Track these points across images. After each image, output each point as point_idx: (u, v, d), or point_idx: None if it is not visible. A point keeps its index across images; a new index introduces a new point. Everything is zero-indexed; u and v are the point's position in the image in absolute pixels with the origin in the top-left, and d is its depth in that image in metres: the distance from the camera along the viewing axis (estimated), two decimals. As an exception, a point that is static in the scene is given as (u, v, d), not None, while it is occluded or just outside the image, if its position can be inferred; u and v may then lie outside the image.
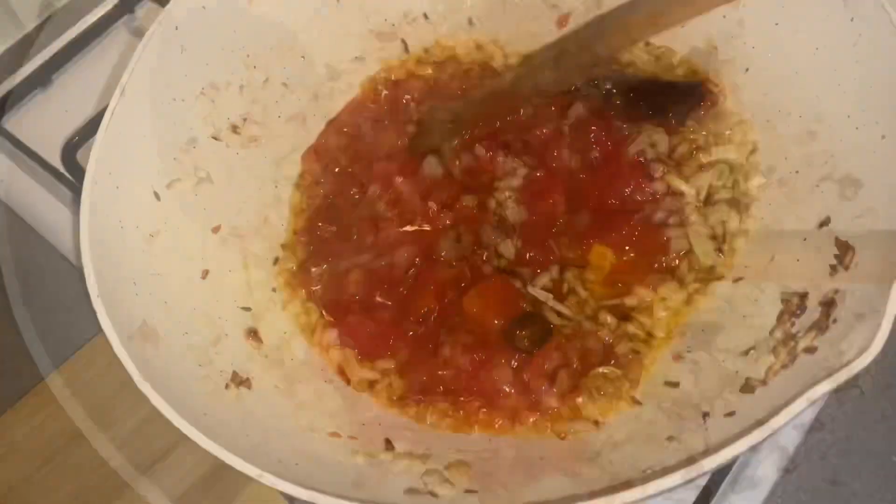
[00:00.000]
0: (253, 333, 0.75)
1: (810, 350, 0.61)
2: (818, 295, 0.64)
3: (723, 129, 0.80)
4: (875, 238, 0.62)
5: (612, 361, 0.72)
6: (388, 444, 0.68)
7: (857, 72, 0.69)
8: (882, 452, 0.76)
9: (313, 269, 0.80)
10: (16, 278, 0.97)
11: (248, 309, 0.77)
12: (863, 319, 0.56)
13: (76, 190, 0.90)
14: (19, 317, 0.94)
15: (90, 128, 0.93)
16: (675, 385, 0.69)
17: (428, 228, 0.80)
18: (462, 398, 0.72)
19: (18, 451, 0.83)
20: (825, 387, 0.52)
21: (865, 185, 0.66)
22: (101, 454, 0.81)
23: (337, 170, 0.87)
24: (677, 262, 0.76)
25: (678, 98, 0.81)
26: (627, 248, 0.77)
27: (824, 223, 0.69)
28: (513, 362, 0.72)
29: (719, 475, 0.69)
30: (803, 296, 0.66)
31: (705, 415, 0.63)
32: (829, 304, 0.63)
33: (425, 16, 0.93)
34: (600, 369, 0.71)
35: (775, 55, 0.77)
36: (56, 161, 0.94)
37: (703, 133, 0.81)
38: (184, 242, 0.76)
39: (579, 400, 0.70)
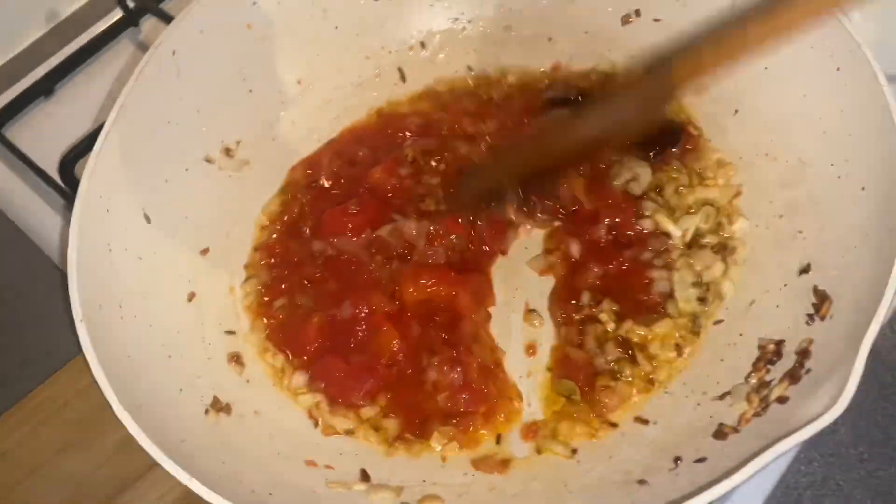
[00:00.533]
0: (236, 358, 0.76)
1: (782, 400, 0.61)
2: (794, 343, 0.65)
3: (706, 171, 0.80)
4: (851, 290, 0.63)
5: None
6: (364, 475, 0.69)
7: (841, 121, 0.70)
8: (858, 499, 0.76)
9: (275, 304, 0.80)
10: (10, 287, 0.98)
11: (232, 333, 0.78)
12: (833, 374, 0.56)
13: (71, 201, 0.91)
14: (12, 325, 0.95)
15: (88, 142, 0.94)
16: (645, 423, 0.70)
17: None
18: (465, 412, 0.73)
19: (7, 460, 0.84)
20: (791, 441, 0.52)
21: (845, 235, 0.67)
22: (86, 468, 0.82)
23: (317, 189, 0.88)
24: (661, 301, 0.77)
25: (657, 135, 0.82)
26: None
27: (804, 270, 0.70)
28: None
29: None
30: (779, 343, 0.67)
31: (677, 459, 0.64)
32: (803, 354, 0.63)
33: (422, 44, 0.94)
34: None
35: (764, 99, 0.78)
36: (54, 172, 0.95)
37: (686, 172, 0.81)
38: (171, 265, 0.77)
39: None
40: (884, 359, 0.81)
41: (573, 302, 0.77)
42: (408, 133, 0.89)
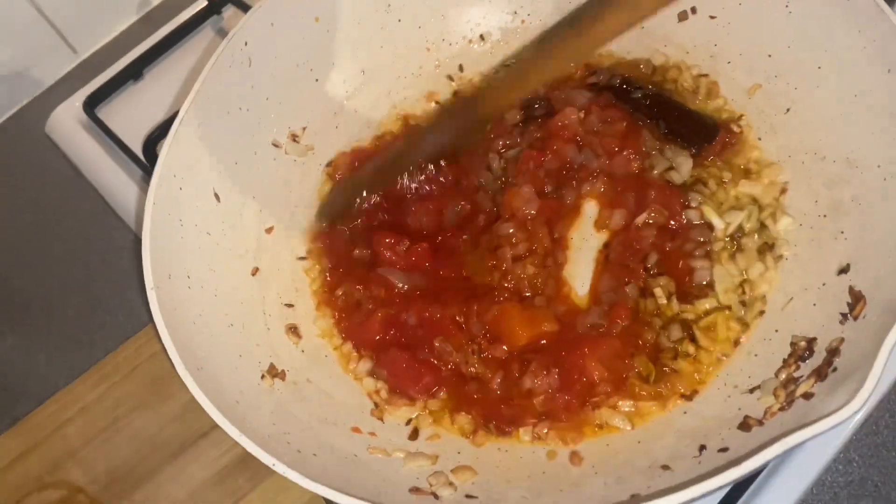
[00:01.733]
0: (293, 329, 0.82)
1: (807, 396, 0.62)
2: (825, 342, 0.66)
3: (749, 166, 0.81)
4: (886, 292, 0.63)
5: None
6: (414, 433, 0.74)
7: (890, 123, 0.69)
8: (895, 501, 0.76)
9: (337, 292, 0.84)
10: (94, 255, 1.06)
11: (291, 306, 0.83)
12: (855, 372, 0.57)
13: (152, 177, 0.98)
14: (94, 290, 1.03)
15: (169, 123, 1.01)
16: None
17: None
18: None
19: (86, 414, 0.91)
20: (805, 434, 0.53)
21: (886, 237, 0.67)
22: (155, 425, 0.89)
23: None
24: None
25: (697, 129, 0.83)
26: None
27: (843, 270, 0.70)
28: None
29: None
30: (811, 341, 0.67)
31: (702, 448, 0.65)
32: (833, 353, 0.64)
33: (481, 37, 0.97)
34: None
35: (815, 98, 0.78)
36: (138, 150, 1.02)
37: (727, 168, 0.82)
38: (238, 241, 0.82)
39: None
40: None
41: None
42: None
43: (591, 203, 0.85)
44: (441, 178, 0.87)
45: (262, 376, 0.75)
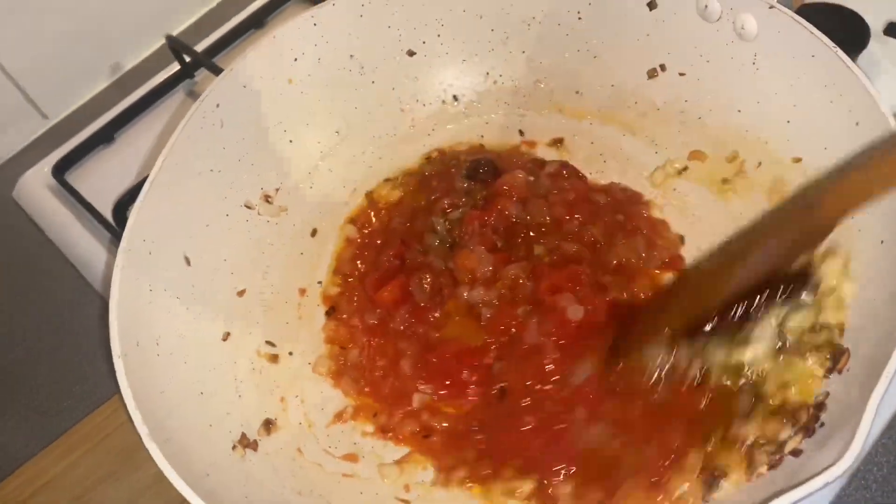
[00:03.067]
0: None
1: (796, 453, 0.61)
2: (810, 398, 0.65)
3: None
4: (867, 344, 0.63)
5: None
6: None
7: (860, 176, 0.70)
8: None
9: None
10: (62, 323, 1.03)
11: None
12: (843, 426, 0.56)
13: (123, 245, 0.96)
14: (62, 358, 1.00)
15: (140, 187, 1.00)
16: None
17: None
18: None
19: (51, 489, 0.88)
20: (795, 495, 0.52)
21: (862, 287, 0.67)
22: (124, 497, 0.85)
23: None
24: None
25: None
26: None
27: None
28: None
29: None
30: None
31: (690, 509, 0.64)
32: (818, 407, 0.63)
33: (455, 98, 0.97)
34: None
35: (787, 152, 0.79)
36: (108, 215, 1.00)
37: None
38: (209, 306, 0.81)
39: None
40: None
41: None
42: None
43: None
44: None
45: (234, 446, 0.72)
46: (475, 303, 0.80)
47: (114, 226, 1.00)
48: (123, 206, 1.00)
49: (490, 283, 0.80)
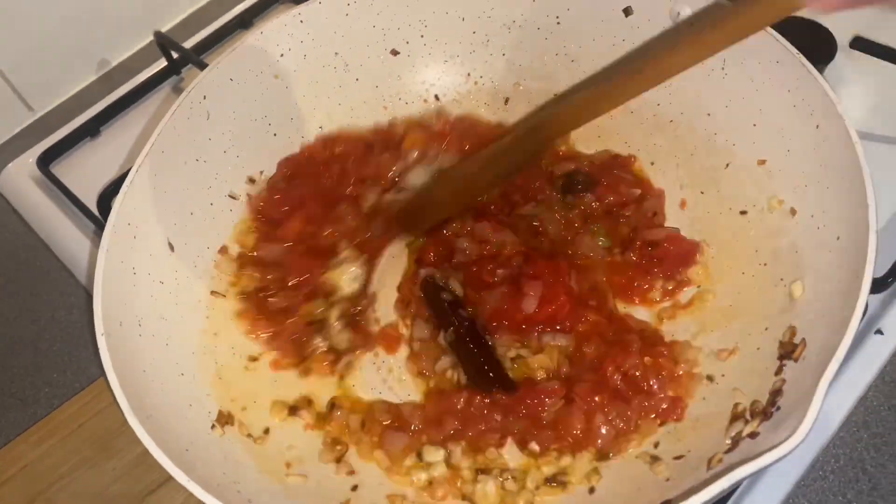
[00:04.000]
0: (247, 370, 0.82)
1: (753, 435, 0.64)
2: (768, 385, 0.68)
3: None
4: (822, 332, 0.66)
5: None
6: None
7: (821, 174, 0.73)
8: (843, 545, 0.77)
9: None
10: (43, 312, 1.04)
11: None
12: (796, 409, 0.59)
13: (106, 233, 0.98)
14: (40, 346, 1.01)
15: (124, 178, 1.02)
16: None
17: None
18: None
19: (27, 474, 0.88)
20: (749, 468, 0.55)
21: (820, 281, 0.70)
22: (101, 483, 0.86)
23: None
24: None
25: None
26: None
27: (783, 314, 0.72)
28: None
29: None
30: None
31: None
32: (776, 393, 0.66)
33: (436, 97, 1.00)
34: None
35: (752, 153, 0.82)
36: (92, 205, 1.02)
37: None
38: (191, 291, 0.82)
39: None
40: (875, 409, 0.82)
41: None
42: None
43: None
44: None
45: (213, 426, 0.74)
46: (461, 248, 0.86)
47: (98, 217, 1.01)
48: (108, 196, 1.01)
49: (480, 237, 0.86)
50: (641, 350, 0.77)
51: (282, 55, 0.92)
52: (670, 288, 0.83)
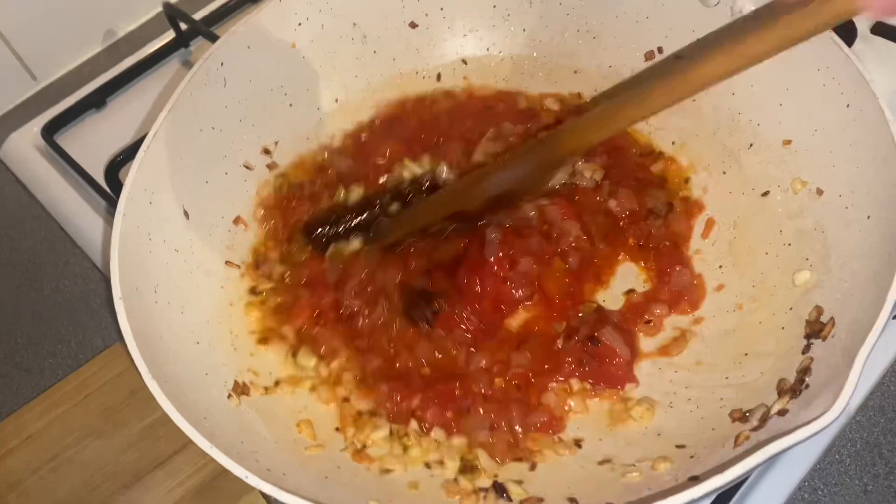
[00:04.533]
0: (264, 342, 0.80)
1: (782, 413, 0.63)
2: (796, 363, 0.67)
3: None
4: (851, 312, 0.65)
5: None
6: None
7: (850, 153, 0.73)
8: (861, 530, 0.77)
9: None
10: (49, 282, 1.02)
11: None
12: (828, 386, 0.58)
13: (114, 204, 0.96)
14: (47, 318, 0.99)
15: (134, 149, 0.99)
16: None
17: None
18: None
19: (32, 444, 0.87)
20: (784, 443, 0.54)
21: (849, 261, 0.69)
22: (107, 454, 0.85)
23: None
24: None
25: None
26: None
27: (810, 294, 0.72)
28: None
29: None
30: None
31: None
32: (804, 372, 0.65)
33: (453, 71, 0.99)
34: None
35: (778, 133, 0.81)
36: (99, 177, 1.00)
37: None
38: (206, 260, 0.81)
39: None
40: (892, 393, 0.82)
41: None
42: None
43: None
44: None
45: (229, 395, 0.72)
46: None
47: (104, 188, 0.99)
48: (116, 167, 1.00)
49: None
50: None
51: (299, 24, 0.91)
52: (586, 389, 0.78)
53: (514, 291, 0.80)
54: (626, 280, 0.83)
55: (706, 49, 0.64)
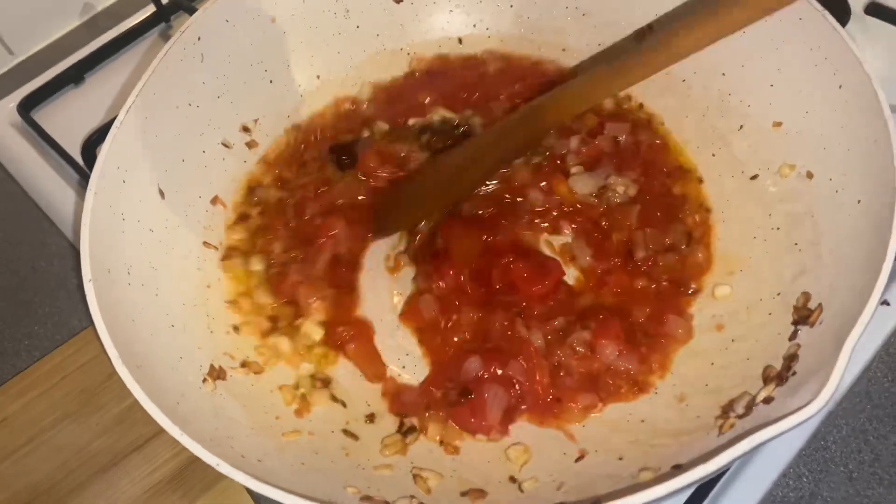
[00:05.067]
0: (236, 330, 0.78)
1: (768, 400, 0.62)
2: (783, 350, 0.66)
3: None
4: (840, 297, 0.64)
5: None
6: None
7: (841, 136, 0.71)
8: (845, 515, 0.76)
9: None
10: (24, 262, 1.00)
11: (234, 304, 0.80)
12: (815, 373, 0.57)
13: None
14: (22, 298, 0.97)
15: (111, 126, 0.98)
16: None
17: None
18: None
19: (7, 426, 0.85)
20: (770, 432, 0.53)
21: (839, 245, 0.68)
22: (84, 438, 0.84)
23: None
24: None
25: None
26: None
27: (798, 279, 0.70)
28: None
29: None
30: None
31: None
32: (790, 358, 0.64)
33: (439, 48, 0.96)
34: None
35: (769, 115, 0.79)
36: (76, 153, 0.98)
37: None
38: (181, 240, 0.79)
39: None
40: (878, 380, 0.81)
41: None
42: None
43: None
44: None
45: (204, 380, 0.71)
46: None
47: (81, 165, 0.97)
48: (93, 144, 0.98)
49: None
50: None
51: (280, -3, 0.88)
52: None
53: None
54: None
55: (683, 18, 0.65)
